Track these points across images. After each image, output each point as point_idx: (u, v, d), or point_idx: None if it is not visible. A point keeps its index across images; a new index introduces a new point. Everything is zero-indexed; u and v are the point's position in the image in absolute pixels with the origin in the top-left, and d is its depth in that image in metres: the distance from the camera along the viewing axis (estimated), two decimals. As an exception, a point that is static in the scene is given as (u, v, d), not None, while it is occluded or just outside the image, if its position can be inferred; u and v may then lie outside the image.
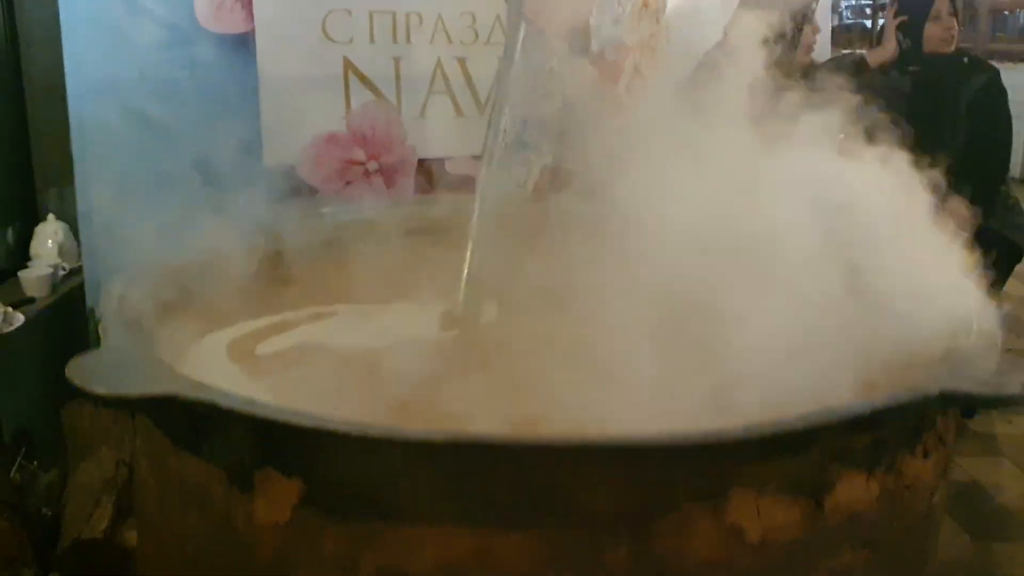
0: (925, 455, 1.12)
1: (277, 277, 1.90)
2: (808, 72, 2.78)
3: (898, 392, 1.06)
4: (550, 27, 2.08)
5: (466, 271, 1.74)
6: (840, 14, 15.86)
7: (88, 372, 1.07)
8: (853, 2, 18.80)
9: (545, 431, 1.14)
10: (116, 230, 2.66)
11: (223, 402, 1.04)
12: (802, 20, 2.65)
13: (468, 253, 1.76)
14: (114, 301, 1.38)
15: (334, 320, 1.75)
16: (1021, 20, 11.53)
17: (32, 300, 2.45)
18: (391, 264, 1.81)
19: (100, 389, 1.05)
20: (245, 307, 1.66)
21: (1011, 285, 3.90)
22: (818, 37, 2.75)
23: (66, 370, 1.05)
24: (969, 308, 1.18)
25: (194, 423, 1.11)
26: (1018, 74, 7.50)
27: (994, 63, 8.38)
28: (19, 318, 2.26)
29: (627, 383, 1.14)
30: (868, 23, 15.96)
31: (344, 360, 1.52)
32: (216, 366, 1.47)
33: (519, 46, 1.93)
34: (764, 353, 1.10)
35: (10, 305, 2.33)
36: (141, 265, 1.52)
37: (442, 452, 0.98)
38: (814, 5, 2.69)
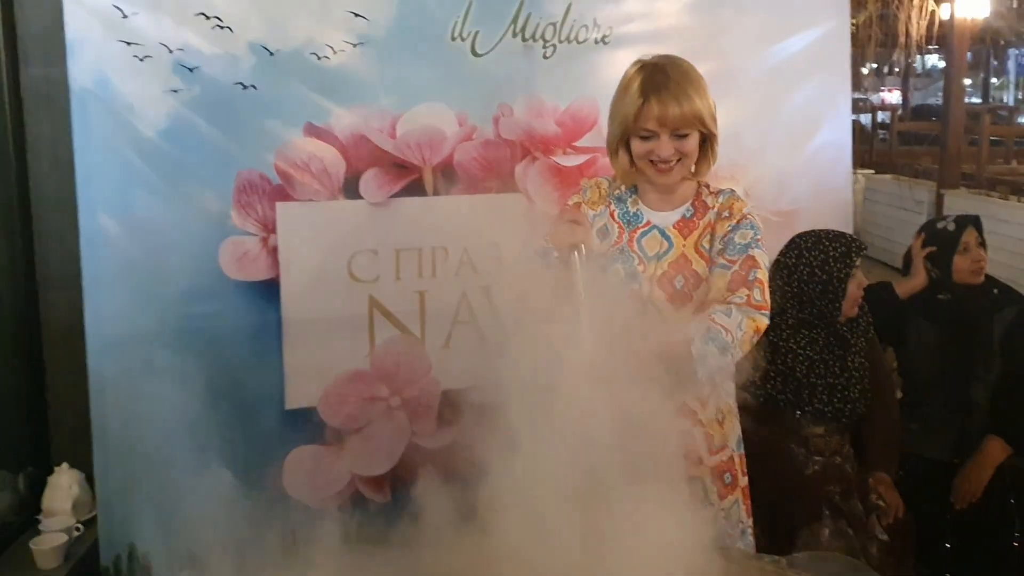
0: None
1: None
2: (855, 318, 2.70)
3: None
4: None
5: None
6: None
7: None
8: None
9: None
10: (135, 486, 2.59)
11: None
12: (844, 281, 2.59)
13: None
14: None
15: None
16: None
17: (44, 579, 2.35)
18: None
19: None
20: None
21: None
22: (863, 291, 2.69)
23: None
24: None
25: None
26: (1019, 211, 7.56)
27: (993, 194, 8.44)
28: (32, 614, 2.16)
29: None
30: (864, 118, 16.20)
31: None
32: None
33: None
34: None
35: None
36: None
37: None
38: (857, 262, 2.63)
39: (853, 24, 10.77)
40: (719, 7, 3.18)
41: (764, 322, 1.90)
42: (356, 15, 2.69)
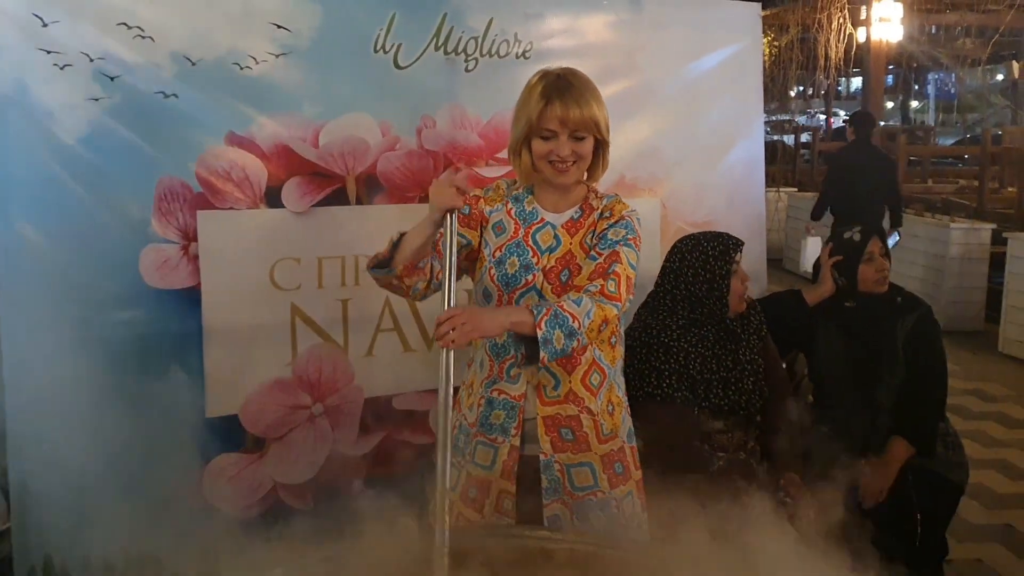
0: None
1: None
2: (746, 315, 2.83)
3: None
4: None
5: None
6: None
7: None
8: (773, 117, 19.57)
9: None
10: (51, 497, 2.56)
11: None
12: (727, 278, 2.72)
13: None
14: None
15: None
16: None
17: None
18: None
19: None
20: None
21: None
22: (748, 285, 2.82)
23: None
24: None
25: None
26: (938, 229, 7.83)
27: (908, 211, 8.72)
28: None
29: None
30: (788, 139, 16.62)
31: None
32: None
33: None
34: None
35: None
36: None
37: None
38: (736, 258, 2.76)
39: (776, 46, 11.11)
40: (638, 25, 3.29)
41: (613, 312, 2.01)
42: (279, 27, 2.72)
